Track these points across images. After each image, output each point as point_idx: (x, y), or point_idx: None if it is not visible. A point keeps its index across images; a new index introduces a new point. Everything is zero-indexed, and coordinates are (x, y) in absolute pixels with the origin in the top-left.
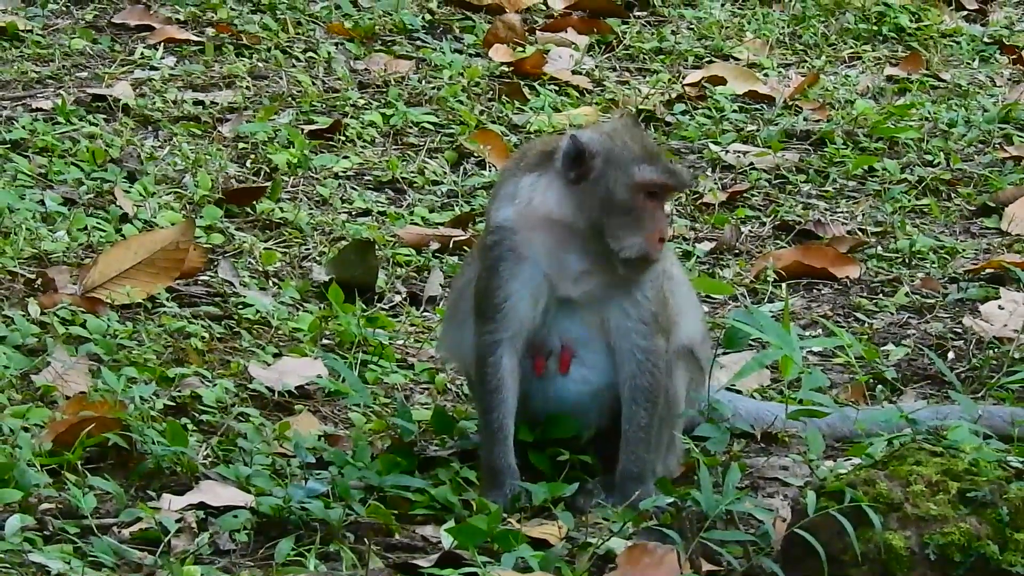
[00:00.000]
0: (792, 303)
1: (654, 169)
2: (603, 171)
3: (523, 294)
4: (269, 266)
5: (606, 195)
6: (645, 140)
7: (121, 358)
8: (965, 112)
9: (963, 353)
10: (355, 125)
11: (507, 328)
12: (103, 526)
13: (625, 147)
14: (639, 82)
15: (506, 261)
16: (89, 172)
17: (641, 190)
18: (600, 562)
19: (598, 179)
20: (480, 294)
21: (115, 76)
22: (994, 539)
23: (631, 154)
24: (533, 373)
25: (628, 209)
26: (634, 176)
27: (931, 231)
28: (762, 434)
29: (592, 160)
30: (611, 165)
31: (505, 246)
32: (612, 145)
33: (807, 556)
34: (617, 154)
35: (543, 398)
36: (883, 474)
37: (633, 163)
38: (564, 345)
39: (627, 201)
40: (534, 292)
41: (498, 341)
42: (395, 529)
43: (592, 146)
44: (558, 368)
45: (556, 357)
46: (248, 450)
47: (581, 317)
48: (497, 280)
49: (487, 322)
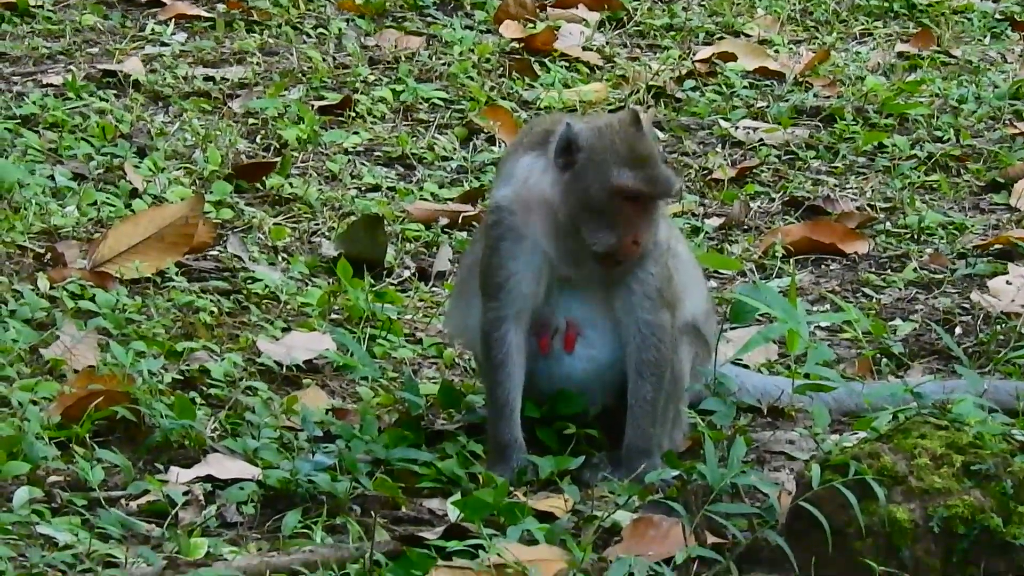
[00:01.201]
0: (800, 278)
1: (633, 175)
2: (585, 166)
3: (524, 272)
4: (278, 241)
5: (584, 191)
6: (635, 142)
7: (130, 332)
8: (975, 88)
9: (970, 328)
10: (365, 101)
11: (510, 305)
12: (111, 499)
13: (611, 147)
14: (649, 58)
15: (506, 240)
16: (99, 147)
17: (618, 194)
18: (606, 535)
19: (579, 173)
20: (483, 272)
21: (126, 52)
22: (998, 512)
23: (614, 156)
24: (538, 352)
25: (603, 209)
26: (611, 179)
27: (940, 207)
28: (768, 408)
29: (578, 153)
30: (592, 163)
31: (504, 225)
32: (597, 142)
33: (811, 529)
34: (600, 153)
35: (548, 377)
36: (888, 447)
37: (614, 165)
38: (569, 323)
39: (603, 202)
40: (535, 270)
41: (502, 317)
42: (401, 502)
43: (580, 139)
44: (563, 347)
45: (561, 336)
46: (256, 423)
47: (585, 295)
48: (498, 259)
49: (491, 299)
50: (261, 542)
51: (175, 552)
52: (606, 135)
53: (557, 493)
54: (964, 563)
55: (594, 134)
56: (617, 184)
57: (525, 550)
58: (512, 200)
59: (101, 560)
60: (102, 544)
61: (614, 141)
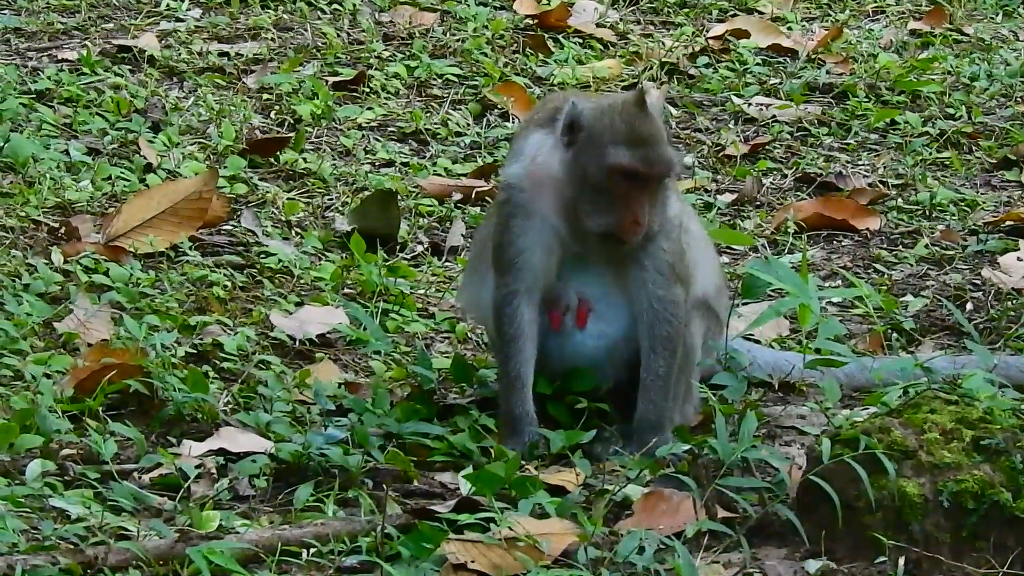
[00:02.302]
0: (812, 254)
1: (629, 154)
2: (585, 145)
3: (535, 248)
4: (292, 216)
5: (583, 170)
6: (635, 122)
7: (143, 306)
8: (987, 66)
9: (981, 304)
10: (379, 77)
11: (522, 280)
12: (123, 472)
13: (609, 126)
14: (663, 35)
15: (516, 217)
16: (114, 122)
17: (615, 173)
18: (617, 509)
19: (580, 152)
20: (495, 248)
21: (141, 27)
22: (1008, 486)
23: (611, 135)
24: (550, 328)
25: (602, 189)
26: (607, 158)
27: (952, 184)
28: (779, 383)
29: (580, 132)
30: (591, 142)
31: (514, 203)
32: (597, 122)
33: (822, 503)
34: (599, 132)
35: (560, 353)
36: (898, 422)
37: (610, 144)
38: (581, 300)
39: (601, 182)
40: (546, 246)
41: (514, 292)
42: (413, 476)
43: (583, 118)
44: (575, 323)
45: (573, 312)
46: (268, 397)
47: (597, 271)
48: (509, 235)
49: (502, 275)
50: (273, 515)
51: (187, 525)
52: (607, 115)
53: (568, 467)
54: (974, 538)
55: (596, 113)
56: (612, 163)
57: (536, 524)
58: (522, 177)
59: (113, 533)
60: (114, 517)
61: (614, 120)
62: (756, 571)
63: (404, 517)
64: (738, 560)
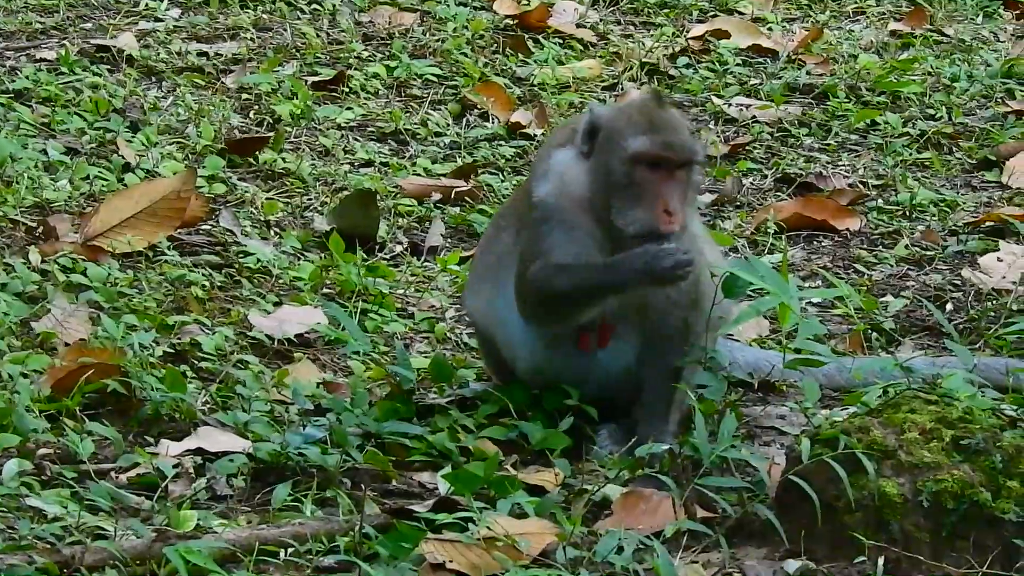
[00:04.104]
0: (792, 255)
1: (649, 140)
2: (604, 143)
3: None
4: (271, 216)
5: (606, 169)
6: (653, 113)
7: (121, 306)
8: (968, 67)
9: (961, 304)
10: (359, 77)
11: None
12: (101, 471)
13: (628, 119)
14: (643, 35)
15: (558, 231)
16: (92, 122)
17: (638, 162)
18: (596, 508)
19: (600, 151)
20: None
21: (119, 27)
22: (987, 486)
23: (630, 127)
24: (576, 347)
25: (628, 183)
26: (628, 148)
27: (932, 184)
28: (759, 383)
29: (599, 134)
30: (610, 138)
31: (555, 219)
32: (616, 119)
33: (801, 503)
34: (618, 128)
35: (580, 371)
36: (877, 422)
37: (630, 135)
38: (604, 320)
39: (625, 174)
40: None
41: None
42: (392, 475)
43: (601, 119)
44: (596, 342)
45: (595, 332)
46: (247, 397)
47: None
48: (550, 242)
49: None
50: (251, 515)
51: (165, 524)
52: (624, 111)
53: (547, 467)
54: (953, 537)
55: (613, 112)
56: (633, 151)
57: (515, 523)
58: (557, 196)
59: (90, 532)
60: (91, 516)
61: (631, 115)
62: (735, 571)
63: (382, 517)
64: (717, 560)
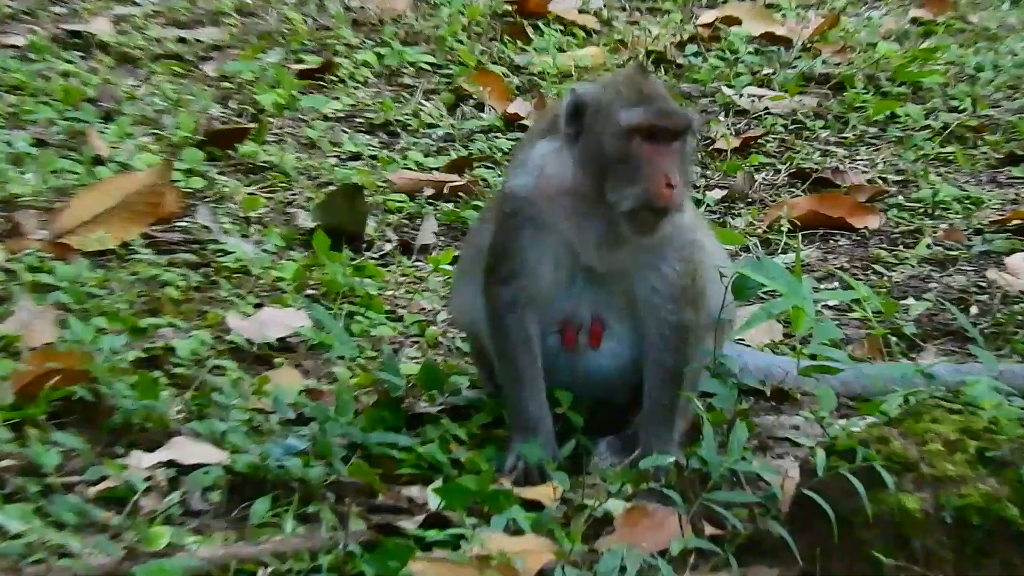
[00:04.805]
0: (807, 254)
1: (642, 110)
2: (593, 121)
3: (543, 260)
4: (252, 212)
5: (599, 146)
6: (642, 84)
7: (91, 307)
8: (993, 56)
9: (987, 308)
10: (347, 65)
11: (526, 290)
12: (67, 484)
13: (616, 93)
14: (649, 22)
15: (525, 229)
16: (62, 111)
17: (633, 134)
18: (597, 525)
19: (590, 131)
20: (498, 257)
21: (93, 11)
22: (1014, 501)
23: (620, 100)
24: (563, 347)
25: (623, 158)
26: (620, 120)
27: (955, 180)
28: (772, 391)
29: (585, 114)
30: (600, 114)
31: (524, 215)
32: (603, 93)
33: (816, 518)
34: (606, 101)
35: (572, 373)
36: (898, 432)
37: (622, 108)
38: (595, 318)
39: (620, 149)
40: (555, 258)
41: (519, 302)
42: (379, 489)
43: (586, 98)
44: (588, 342)
45: (586, 330)
46: (224, 405)
47: (611, 289)
48: (516, 245)
49: (505, 284)
50: (228, 531)
51: (135, 542)
52: (610, 87)
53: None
54: (978, 555)
55: (598, 89)
56: (628, 124)
57: (510, 541)
58: (531, 189)
59: (55, 550)
60: (56, 533)
61: (619, 89)
62: None
63: (368, 533)
64: None
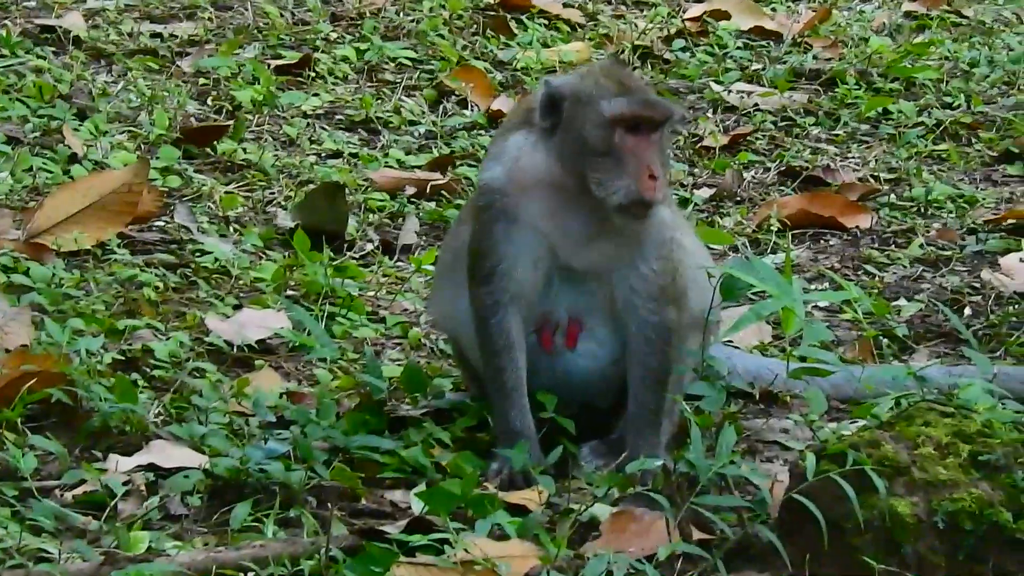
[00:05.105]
0: (797, 254)
1: (625, 101)
2: (572, 113)
3: (520, 256)
4: (230, 211)
5: (580, 138)
6: (621, 75)
7: (67, 308)
8: (988, 51)
9: (981, 309)
10: (326, 60)
11: (507, 289)
12: (44, 488)
13: (596, 84)
14: (635, 16)
15: (499, 223)
16: (36, 109)
17: (616, 126)
18: (583, 529)
19: (570, 123)
20: (475, 256)
21: (66, 5)
22: (1008, 506)
23: (601, 91)
24: (540, 348)
25: (606, 150)
26: (603, 111)
27: (949, 178)
28: (761, 393)
29: (563, 104)
30: (580, 105)
31: (497, 208)
32: (582, 85)
33: (806, 523)
34: (587, 92)
35: (550, 374)
36: (889, 436)
37: (602, 98)
38: (572, 318)
39: (602, 141)
40: (532, 255)
41: (499, 302)
42: (361, 493)
43: (563, 89)
44: (565, 342)
45: (563, 330)
46: (203, 408)
47: (588, 288)
48: (491, 242)
49: (484, 284)
50: (208, 536)
51: (113, 547)
52: (588, 78)
53: None
54: (971, 561)
55: (576, 80)
56: (611, 114)
57: (495, 545)
58: (505, 181)
59: (33, 555)
60: (34, 538)
61: (598, 80)
62: None
63: (351, 538)
64: None
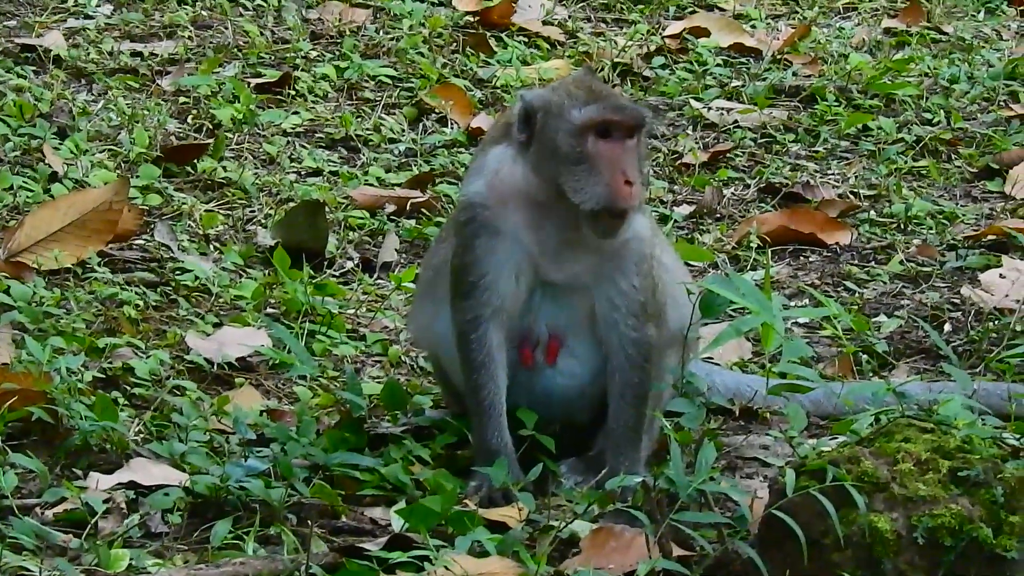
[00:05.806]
0: (777, 271)
1: (595, 107)
2: (545, 124)
3: (502, 269)
4: (210, 229)
5: (554, 148)
6: (591, 83)
7: (47, 327)
8: (968, 67)
9: (960, 325)
10: (306, 78)
11: (488, 303)
12: (24, 507)
13: (567, 94)
14: (615, 34)
15: (481, 237)
16: (16, 128)
17: (587, 132)
18: (563, 546)
19: (543, 134)
20: (457, 271)
21: (46, 24)
22: (987, 522)
23: (571, 100)
24: (521, 364)
25: (580, 158)
26: (573, 119)
27: (929, 194)
28: (740, 410)
29: (536, 118)
30: (552, 116)
31: (478, 221)
32: (553, 96)
33: (786, 539)
34: (557, 103)
35: (530, 390)
36: (869, 451)
37: (573, 108)
38: (551, 334)
39: (575, 148)
40: (514, 268)
41: (480, 317)
42: (341, 510)
43: (536, 102)
44: (545, 358)
45: (543, 346)
46: (183, 426)
47: (569, 303)
48: (473, 256)
49: (466, 298)
50: (188, 553)
51: (94, 564)
52: (559, 88)
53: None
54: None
55: (547, 92)
56: (581, 122)
57: (475, 562)
58: (486, 195)
59: (13, 573)
60: (14, 556)
61: (569, 90)
62: None
63: (331, 556)
64: None
